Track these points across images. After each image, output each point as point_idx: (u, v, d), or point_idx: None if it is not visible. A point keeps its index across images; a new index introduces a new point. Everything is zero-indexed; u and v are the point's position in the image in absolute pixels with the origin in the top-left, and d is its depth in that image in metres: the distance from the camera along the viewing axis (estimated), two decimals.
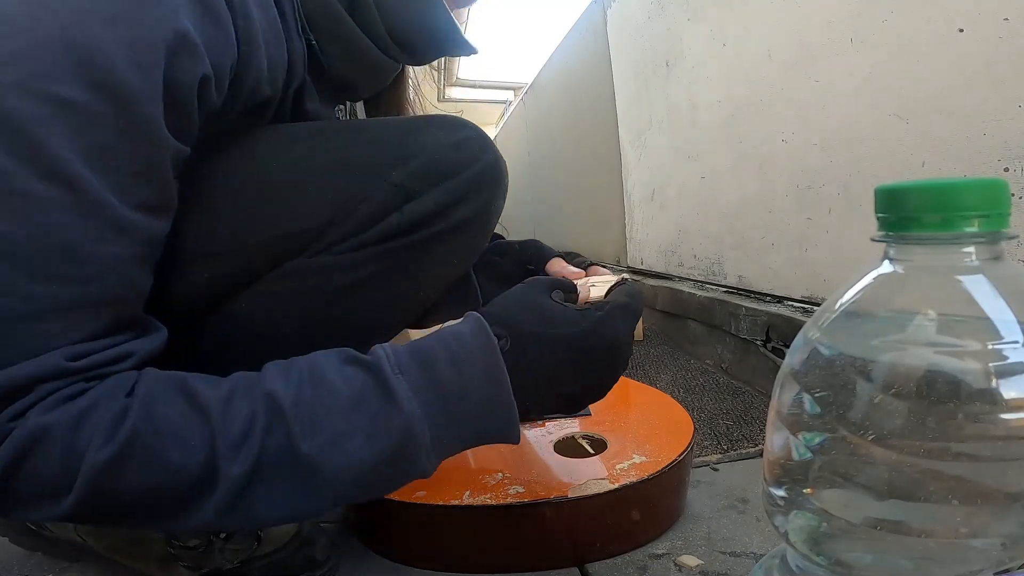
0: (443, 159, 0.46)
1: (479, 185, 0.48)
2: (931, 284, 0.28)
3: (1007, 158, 0.66)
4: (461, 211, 0.47)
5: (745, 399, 1.00)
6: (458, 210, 0.47)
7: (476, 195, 0.47)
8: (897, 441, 0.25)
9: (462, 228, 0.48)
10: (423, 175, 0.46)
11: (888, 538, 0.26)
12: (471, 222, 0.48)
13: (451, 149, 0.47)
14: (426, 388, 0.37)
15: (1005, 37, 0.65)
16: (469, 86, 6.46)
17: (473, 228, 0.49)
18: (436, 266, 0.49)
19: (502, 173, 0.50)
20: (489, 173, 0.48)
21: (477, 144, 0.48)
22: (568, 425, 0.69)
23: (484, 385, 0.39)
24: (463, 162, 0.47)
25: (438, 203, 0.46)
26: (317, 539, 0.55)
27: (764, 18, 1.09)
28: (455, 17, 0.53)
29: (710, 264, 1.39)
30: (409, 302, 0.50)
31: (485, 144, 0.49)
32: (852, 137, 0.89)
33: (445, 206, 0.46)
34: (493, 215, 0.51)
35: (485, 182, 0.48)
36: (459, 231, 0.48)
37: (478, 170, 0.47)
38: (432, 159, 0.46)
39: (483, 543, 0.54)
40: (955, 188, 0.26)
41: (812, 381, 0.29)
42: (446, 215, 0.46)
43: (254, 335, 0.44)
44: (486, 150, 0.49)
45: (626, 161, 1.88)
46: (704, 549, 0.56)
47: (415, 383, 0.37)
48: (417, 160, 0.46)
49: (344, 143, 0.47)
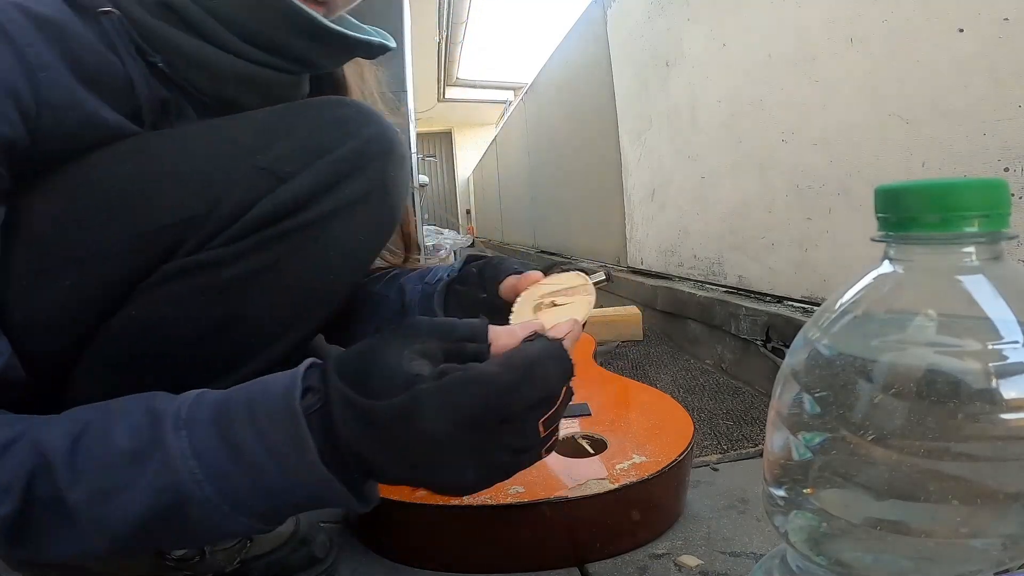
0: (316, 138, 0.44)
1: (365, 159, 0.45)
2: (931, 284, 0.28)
3: (1007, 158, 0.66)
4: (348, 188, 0.45)
5: (745, 399, 1.00)
6: (344, 188, 0.44)
7: (363, 170, 0.45)
8: (897, 441, 0.25)
9: (354, 205, 0.45)
10: (293, 156, 0.43)
11: (888, 538, 0.26)
12: (366, 198, 0.46)
13: (326, 127, 0.45)
14: (216, 448, 0.34)
15: (1005, 37, 0.65)
16: (469, 86, 6.47)
17: (372, 203, 0.46)
18: (335, 248, 0.46)
19: (392, 143, 0.48)
20: (374, 146, 0.46)
21: (357, 119, 0.46)
22: (568, 425, 0.69)
23: (287, 451, 0.34)
24: (339, 139, 0.45)
25: (317, 183, 0.43)
26: (315, 537, 0.55)
27: (764, 18, 1.09)
28: (328, 9, 0.50)
29: (710, 264, 1.39)
30: (317, 289, 0.47)
31: (367, 118, 0.47)
32: (852, 137, 0.89)
33: (326, 185, 0.44)
34: (393, 187, 0.48)
35: (372, 155, 0.46)
36: (351, 209, 0.45)
37: (359, 144, 0.45)
38: (303, 139, 0.44)
39: (483, 543, 0.54)
40: (955, 188, 0.26)
41: (812, 381, 0.29)
42: (331, 194, 0.44)
43: (155, 339, 0.43)
44: (368, 123, 0.46)
45: (626, 161, 1.88)
46: (704, 549, 0.56)
47: (199, 441, 0.34)
48: (285, 142, 0.44)
49: (206, 137, 0.45)
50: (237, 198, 0.42)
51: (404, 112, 2.59)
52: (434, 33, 5.06)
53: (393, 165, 0.48)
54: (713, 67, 1.30)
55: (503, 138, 4.74)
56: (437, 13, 4.73)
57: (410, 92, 2.67)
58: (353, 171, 0.45)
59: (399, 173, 0.49)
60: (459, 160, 8.56)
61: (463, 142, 8.59)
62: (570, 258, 2.69)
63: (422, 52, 4.90)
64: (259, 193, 0.42)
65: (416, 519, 0.55)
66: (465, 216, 8.33)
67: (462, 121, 8.44)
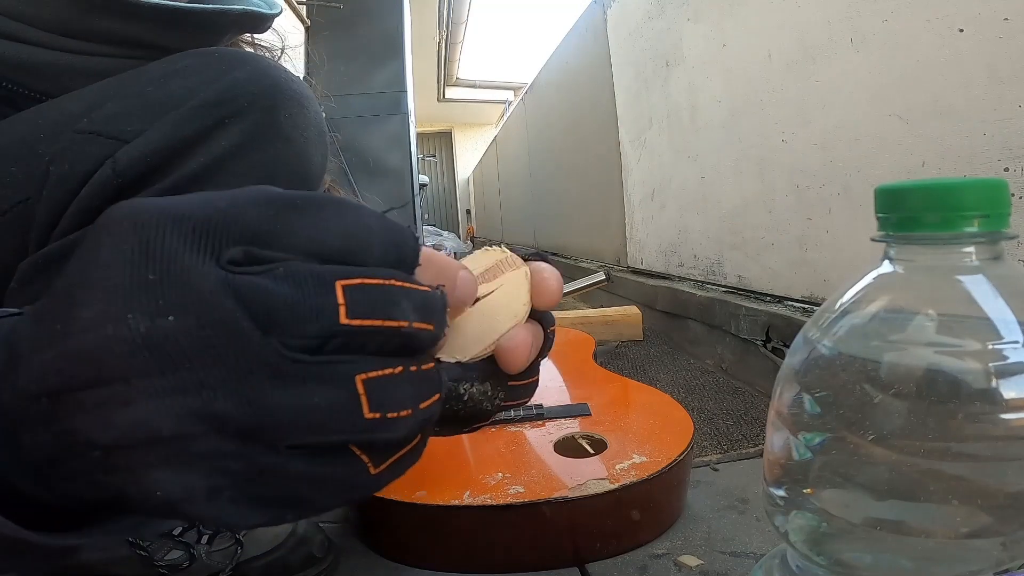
0: (162, 90, 0.37)
1: (240, 102, 0.38)
2: (931, 284, 0.28)
3: (1007, 158, 0.66)
4: (224, 138, 0.37)
5: (745, 399, 1.00)
6: (218, 138, 0.37)
7: (240, 115, 0.38)
8: (897, 441, 0.25)
9: (238, 156, 0.38)
10: (131, 113, 0.37)
11: (888, 538, 0.26)
12: (253, 144, 0.38)
13: (174, 76, 0.38)
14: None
15: (1005, 37, 0.65)
16: (469, 86, 6.47)
17: (264, 150, 0.39)
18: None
19: (277, 82, 0.40)
20: (251, 86, 0.39)
21: (219, 63, 0.39)
22: (568, 425, 0.69)
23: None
24: (196, 86, 0.38)
25: (175, 136, 0.36)
26: (314, 537, 0.55)
27: (764, 18, 1.09)
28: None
29: (710, 264, 1.39)
30: None
31: (237, 60, 0.39)
32: (852, 137, 0.89)
33: (189, 139, 0.37)
34: (292, 129, 0.40)
35: (248, 96, 0.38)
36: (235, 160, 0.38)
37: (226, 87, 0.38)
38: (142, 94, 0.37)
39: (483, 543, 0.54)
40: (955, 188, 0.26)
41: (812, 381, 0.29)
42: (201, 146, 0.37)
43: None
44: (239, 66, 0.39)
45: (626, 161, 1.88)
46: (704, 549, 0.56)
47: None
48: (115, 101, 0.37)
49: (27, 117, 0.38)
50: (67, 171, 0.36)
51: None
52: (434, 33, 5.06)
53: (288, 106, 0.40)
54: (713, 67, 1.30)
55: (503, 138, 4.74)
56: (437, 13, 4.73)
57: (410, 92, 2.68)
58: (227, 117, 0.38)
59: (300, 114, 0.41)
60: (459, 160, 8.56)
61: (463, 142, 8.58)
62: (571, 258, 2.69)
63: (422, 52, 4.89)
64: (94, 161, 0.36)
65: (416, 519, 0.55)
66: (465, 216, 8.33)
67: (462, 121, 8.44)
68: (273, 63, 0.41)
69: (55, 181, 0.36)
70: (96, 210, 0.35)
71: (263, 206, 0.19)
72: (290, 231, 0.19)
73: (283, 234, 0.19)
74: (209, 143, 0.37)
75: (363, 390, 0.18)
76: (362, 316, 0.18)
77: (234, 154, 0.37)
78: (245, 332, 0.17)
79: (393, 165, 2.59)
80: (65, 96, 0.39)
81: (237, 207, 0.19)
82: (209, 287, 0.17)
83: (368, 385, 0.18)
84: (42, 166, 0.36)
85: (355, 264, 0.19)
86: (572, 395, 0.79)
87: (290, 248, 0.19)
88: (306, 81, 0.45)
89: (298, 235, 0.19)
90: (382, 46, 2.62)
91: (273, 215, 0.19)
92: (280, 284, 0.18)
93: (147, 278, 0.17)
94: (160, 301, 0.17)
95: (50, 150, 0.36)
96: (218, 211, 0.18)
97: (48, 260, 0.36)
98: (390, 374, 0.19)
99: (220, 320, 0.17)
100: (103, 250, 0.18)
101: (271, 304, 0.17)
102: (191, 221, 0.18)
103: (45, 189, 0.36)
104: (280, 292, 0.18)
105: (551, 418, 0.71)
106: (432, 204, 8.34)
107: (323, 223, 0.19)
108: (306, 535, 0.55)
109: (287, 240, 0.19)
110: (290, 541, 0.54)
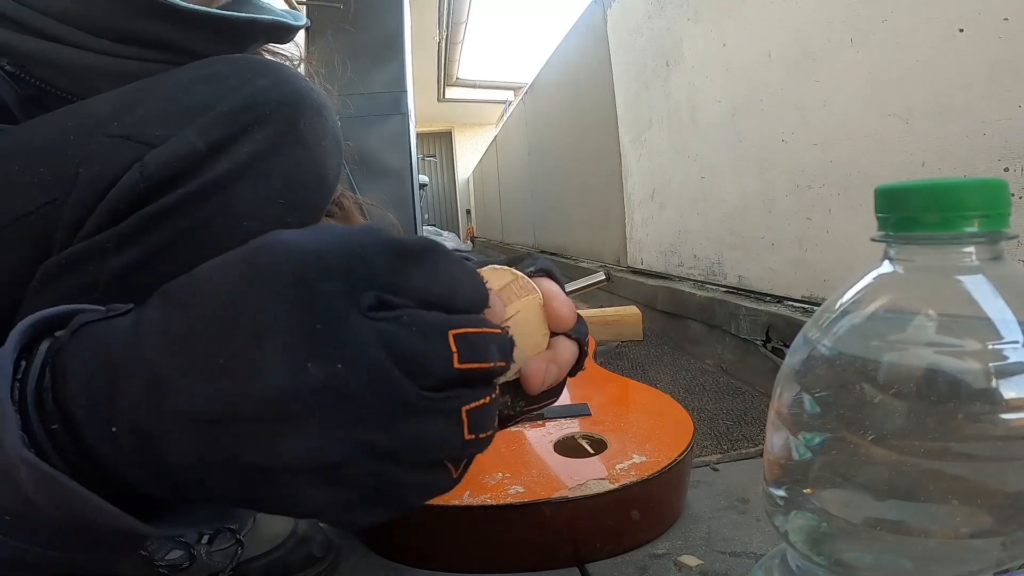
0: (191, 96, 0.38)
1: (264, 109, 0.39)
2: (931, 284, 0.28)
3: (1007, 158, 0.66)
4: (247, 144, 0.38)
5: (745, 399, 1.00)
6: (241, 144, 0.38)
7: (264, 122, 0.38)
8: (897, 441, 0.25)
9: (260, 163, 0.38)
10: (161, 118, 0.37)
11: (888, 538, 0.26)
12: (275, 151, 0.39)
13: (202, 82, 0.38)
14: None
15: (1005, 37, 0.65)
16: (469, 86, 6.47)
17: (285, 157, 0.39)
18: (249, 218, 0.39)
19: (299, 91, 0.40)
20: (273, 93, 0.39)
21: (244, 71, 0.39)
22: (568, 425, 0.69)
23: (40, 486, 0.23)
24: (223, 93, 0.38)
25: (208, 142, 0.37)
26: (314, 537, 0.55)
27: (764, 18, 1.09)
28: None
29: (710, 264, 1.39)
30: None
31: (262, 68, 0.40)
32: (852, 137, 0.89)
33: (216, 144, 0.37)
34: (313, 137, 0.41)
35: (272, 104, 0.39)
36: (258, 168, 0.38)
37: (251, 95, 0.38)
38: (172, 99, 0.38)
39: (483, 543, 0.54)
40: (955, 188, 0.26)
41: (812, 381, 0.29)
42: (226, 153, 0.37)
43: None
44: (262, 74, 0.40)
45: (626, 161, 1.88)
46: (704, 549, 0.56)
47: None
48: (149, 104, 0.38)
49: (57, 119, 0.39)
50: (95, 174, 0.36)
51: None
52: (434, 33, 5.06)
53: (303, 115, 0.40)
54: (713, 67, 1.30)
55: (503, 138, 4.74)
56: (437, 13, 4.73)
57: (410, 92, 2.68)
58: (251, 125, 0.38)
59: (319, 123, 0.41)
60: (459, 160, 8.57)
61: (463, 142, 8.59)
62: (571, 258, 2.69)
63: (422, 52, 4.89)
64: (120, 165, 0.36)
65: (416, 519, 0.55)
66: (465, 216, 8.33)
67: (462, 121, 8.45)
68: (294, 72, 0.41)
69: (84, 183, 0.36)
70: (122, 212, 0.36)
71: (388, 255, 0.23)
72: (408, 280, 0.23)
73: (403, 283, 0.23)
74: (233, 149, 0.38)
75: (466, 419, 0.23)
76: (468, 361, 0.23)
77: (257, 161, 0.38)
78: (396, 379, 0.22)
79: (393, 165, 2.59)
80: (93, 99, 0.40)
81: (366, 253, 0.23)
82: (364, 339, 0.22)
83: (470, 414, 0.23)
84: (71, 168, 0.36)
85: (451, 308, 0.24)
86: (572, 395, 0.79)
87: (407, 294, 0.23)
88: (324, 90, 0.46)
89: (413, 283, 0.23)
90: (382, 46, 2.61)
91: (398, 265, 0.23)
92: (410, 334, 0.22)
93: (315, 328, 0.22)
94: (330, 350, 0.21)
95: (80, 152, 0.36)
96: (352, 257, 0.23)
97: (72, 261, 0.36)
98: (482, 404, 0.24)
99: (377, 366, 0.22)
100: (267, 300, 0.22)
101: (408, 353, 0.22)
102: (332, 265, 0.22)
103: (74, 191, 0.36)
104: (412, 343, 0.22)
105: (551, 418, 0.71)
106: (432, 204, 8.34)
107: (431, 272, 0.24)
108: (306, 535, 0.55)
109: (406, 288, 0.23)
110: (290, 541, 0.54)
